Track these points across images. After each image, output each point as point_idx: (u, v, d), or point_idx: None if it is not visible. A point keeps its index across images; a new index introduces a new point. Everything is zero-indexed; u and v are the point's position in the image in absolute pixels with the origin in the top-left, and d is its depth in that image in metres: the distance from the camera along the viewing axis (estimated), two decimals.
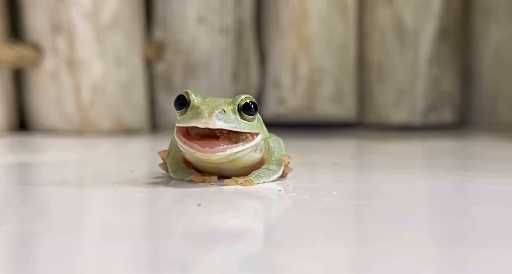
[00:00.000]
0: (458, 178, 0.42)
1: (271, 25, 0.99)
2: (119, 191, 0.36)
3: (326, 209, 0.29)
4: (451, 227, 0.26)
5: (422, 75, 0.94)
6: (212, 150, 0.36)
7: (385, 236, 0.24)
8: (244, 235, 0.25)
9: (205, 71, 0.96)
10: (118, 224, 0.27)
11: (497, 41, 0.95)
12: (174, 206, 0.32)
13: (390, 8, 0.95)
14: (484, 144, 0.78)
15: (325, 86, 0.95)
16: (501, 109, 0.96)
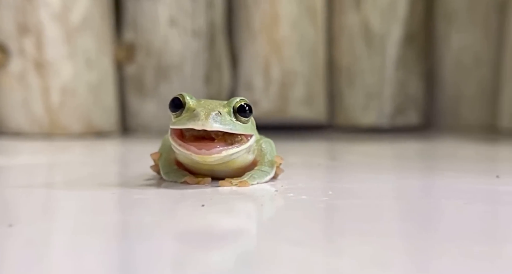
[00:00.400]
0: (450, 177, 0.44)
1: (242, 28, 1.00)
2: (117, 193, 0.36)
3: (328, 208, 0.30)
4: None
5: (389, 78, 0.97)
6: (208, 152, 0.37)
7: (405, 232, 0.25)
8: (260, 233, 0.25)
9: (177, 73, 0.96)
10: (123, 223, 0.27)
11: (458, 47, 0.99)
12: (176, 207, 0.33)
13: (358, 13, 0.98)
14: (448, 145, 0.82)
15: (297, 89, 0.96)
16: (462, 111, 1.00)
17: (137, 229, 0.26)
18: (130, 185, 0.40)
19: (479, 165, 0.55)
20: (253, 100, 0.98)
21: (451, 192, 0.36)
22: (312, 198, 0.33)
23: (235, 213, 0.30)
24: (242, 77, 1.00)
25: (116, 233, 0.26)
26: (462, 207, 0.30)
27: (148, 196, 0.35)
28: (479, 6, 0.98)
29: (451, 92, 1.00)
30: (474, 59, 0.99)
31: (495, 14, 0.97)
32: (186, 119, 0.37)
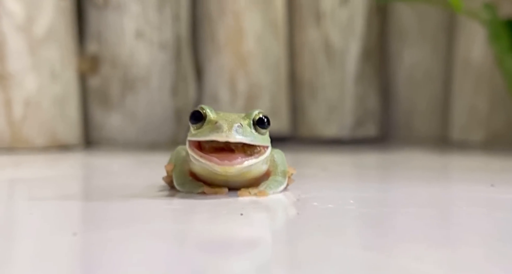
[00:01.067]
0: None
1: (207, 42, 1.02)
2: (143, 204, 0.37)
3: (365, 216, 0.32)
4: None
5: (349, 92, 1.02)
6: (230, 163, 0.38)
7: (466, 239, 0.28)
8: (327, 240, 0.27)
9: (144, 85, 0.96)
10: (182, 231, 0.28)
11: (410, 63, 1.06)
12: (215, 216, 0.34)
13: (318, 29, 1.02)
14: (404, 155, 0.87)
15: (262, 102, 0.99)
16: (415, 124, 1.06)
17: (201, 236, 0.27)
18: (150, 196, 0.40)
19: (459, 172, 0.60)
20: None
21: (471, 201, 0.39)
22: (340, 207, 0.35)
23: (279, 221, 0.32)
24: (207, 90, 1.01)
25: (182, 240, 0.27)
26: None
27: (177, 206, 0.36)
28: (428, 25, 1.05)
29: (404, 106, 1.07)
30: (425, 75, 1.06)
31: (443, 32, 1.04)
32: (209, 131, 0.39)
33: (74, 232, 0.28)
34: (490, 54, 0.93)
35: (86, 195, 0.42)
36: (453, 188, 0.46)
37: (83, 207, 0.36)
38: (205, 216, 0.34)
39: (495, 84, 0.94)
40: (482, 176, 0.55)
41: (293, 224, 0.31)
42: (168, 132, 0.98)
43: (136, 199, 0.39)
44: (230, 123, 0.38)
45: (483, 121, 0.95)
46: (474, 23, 0.94)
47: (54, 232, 0.29)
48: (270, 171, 0.43)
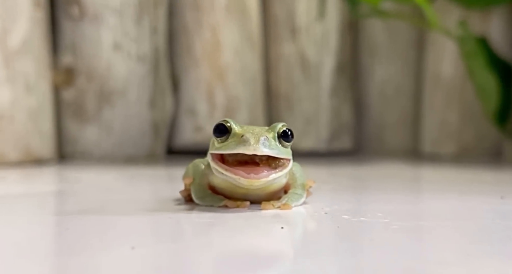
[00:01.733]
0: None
1: (183, 54, 1.01)
2: (174, 218, 0.37)
3: (408, 230, 0.33)
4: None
5: (324, 106, 1.04)
6: (257, 176, 0.39)
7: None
8: (396, 255, 0.28)
9: (121, 98, 0.94)
10: (238, 245, 0.28)
11: (381, 78, 1.09)
12: (256, 228, 0.34)
13: (294, 43, 1.04)
14: (378, 167, 0.89)
15: (240, 115, 0.99)
16: (387, 137, 1.09)
17: (263, 252, 0.27)
18: (173, 210, 0.40)
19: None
20: (197, 125, 0.99)
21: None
22: (374, 220, 0.36)
23: (325, 235, 0.32)
24: (184, 102, 1.01)
25: (250, 257, 0.27)
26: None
27: (209, 220, 0.36)
28: (399, 41, 1.09)
29: (376, 120, 1.10)
30: (396, 89, 1.09)
31: (413, 48, 1.08)
32: (235, 144, 0.39)
33: (132, 246, 0.27)
34: (460, 69, 0.97)
35: (104, 209, 0.41)
36: (464, 200, 0.47)
37: (111, 221, 0.36)
38: (249, 230, 0.34)
39: (465, 99, 0.98)
40: (490, 189, 0.57)
41: (343, 239, 0.31)
42: (145, 145, 0.97)
43: (160, 213, 0.38)
44: (256, 136, 0.39)
45: (454, 135, 0.99)
46: (443, 39, 0.98)
47: (111, 246, 0.28)
48: (289, 184, 0.43)
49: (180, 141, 1.01)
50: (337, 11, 1.05)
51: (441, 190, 0.56)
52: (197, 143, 0.99)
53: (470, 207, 0.44)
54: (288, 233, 0.33)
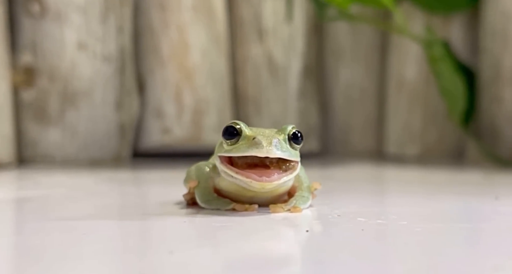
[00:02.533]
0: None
1: (150, 54, 0.99)
2: (187, 221, 0.36)
3: (429, 231, 0.33)
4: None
5: (292, 108, 1.04)
6: (269, 179, 0.38)
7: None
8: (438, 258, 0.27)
9: (86, 100, 0.91)
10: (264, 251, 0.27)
11: (346, 81, 1.11)
12: (279, 233, 0.33)
13: (261, 45, 1.04)
14: (347, 169, 0.90)
15: (210, 117, 0.98)
16: (352, 139, 1.11)
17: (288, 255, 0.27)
18: (181, 214, 0.39)
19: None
20: (164, 127, 0.97)
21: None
22: (391, 222, 0.35)
23: (353, 239, 0.31)
24: (151, 104, 0.98)
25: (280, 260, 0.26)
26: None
27: (226, 224, 0.35)
28: (363, 45, 1.10)
29: (342, 122, 1.11)
30: (360, 92, 1.11)
31: (376, 52, 1.10)
32: (247, 147, 0.38)
33: (170, 251, 0.26)
34: (424, 72, 1.00)
35: (110, 214, 0.39)
36: (459, 202, 0.48)
37: (127, 226, 0.34)
38: (267, 234, 0.33)
39: (428, 102, 1.01)
40: (484, 190, 0.59)
41: (375, 243, 0.31)
42: (111, 148, 0.94)
43: (172, 217, 0.37)
44: (268, 138, 0.38)
45: (417, 136, 1.02)
46: (407, 43, 1.01)
47: (149, 250, 0.27)
48: (295, 186, 0.43)
49: (146, 144, 0.98)
50: (303, 14, 1.06)
51: (431, 192, 0.57)
52: (165, 146, 0.97)
53: (467, 208, 0.45)
54: (318, 237, 0.32)
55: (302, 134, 0.41)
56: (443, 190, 0.60)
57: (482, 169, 0.84)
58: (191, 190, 0.42)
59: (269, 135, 0.39)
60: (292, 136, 0.40)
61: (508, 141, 0.92)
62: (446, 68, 0.92)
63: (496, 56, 0.93)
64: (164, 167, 0.87)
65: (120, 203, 0.45)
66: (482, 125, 0.96)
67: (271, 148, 0.37)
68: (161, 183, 0.64)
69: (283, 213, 0.39)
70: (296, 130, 0.41)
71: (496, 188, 0.63)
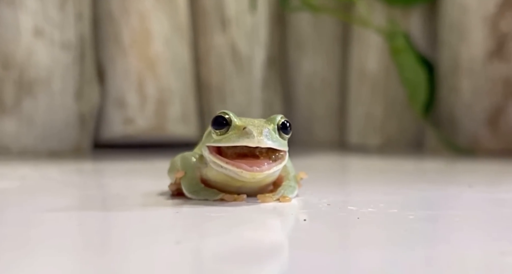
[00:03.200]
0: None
1: (110, 43, 0.96)
2: (180, 212, 0.35)
3: (422, 219, 0.33)
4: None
5: (257, 99, 1.03)
6: (260, 169, 0.38)
7: None
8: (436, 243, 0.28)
9: (43, 88, 0.87)
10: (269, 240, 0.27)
11: (308, 71, 1.11)
12: (274, 222, 0.33)
13: (224, 35, 1.02)
14: (311, 159, 0.91)
15: (174, 107, 0.96)
16: (315, 129, 1.12)
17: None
18: (170, 204, 0.38)
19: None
20: (126, 117, 0.94)
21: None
22: (382, 211, 0.35)
23: (353, 228, 0.31)
24: (113, 93, 0.95)
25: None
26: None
27: (220, 214, 0.35)
28: (324, 36, 1.11)
29: (305, 112, 1.11)
30: (322, 83, 1.11)
31: (338, 43, 1.11)
32: (237, 137, 0.37)
33: (177, 241, 0.26)
34: (385, 64, 1.02)
35: (98, 206, 0.38)
36: (436, 190, 0.49)
37: (120, 217, 0.33)
38: (271, 222, 0.33)
39: (389, 93, 1.02)
40: (455, 178, 0.60)
41: (377, 231, 0.31)
42: (71, 138, 0.90)
43: (162, 208, 0.36)
44: (258, 128, 0.37)
45: (379, 127, 1.04)
46: (368, 34, 1.02)
47: (156, 241, 0.26)
48: (281, 176, 0.42)
49: (108, 134, 0.95)
50: (266, 3, 1.05)
51: (403, 181, 0.58)
52: (127, 136, 0.95)
53: (448, 196, 0.46)
54: (318, 226, 0.32)
55: (290, 124, 0.41)
56: (415, 179, 0.61)
57: (443, 158, 0.86)
58: (177, 181, 0.41)
59: (258, 125, 0.38)
60: (281, 126, 0.40)
61: (465, 130, 0.95)
62: (408, 60, 0.94)
63: (454, 48, 0.96)
64: (128, 158, 0.85)
65: (102, 194, 0.43)
66: (441, 115, 0.98)
67: (261, 138, 0.37)
68: (132, 174, 0.63)
69: (272, 203, 0.39)
70: (285, 120, 0.40)
71: (465, 175, 0.65)
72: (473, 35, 0.94)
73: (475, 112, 0.94)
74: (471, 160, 0.84)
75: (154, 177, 0.56)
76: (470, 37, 0.94)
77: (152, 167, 0.72)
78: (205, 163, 0.40)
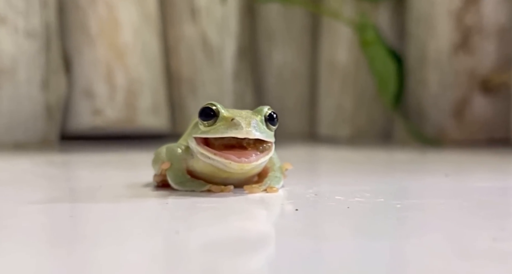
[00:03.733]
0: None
1: (77, 31, 0.93)
2: (170, 203, 0.35)
3: (410, 208, 0.34)
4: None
5: (228, 90, 1.03)
6: (248, 160, 0.38)
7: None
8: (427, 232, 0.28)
9: (8, 78, 0.84)
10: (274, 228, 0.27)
11: (279, 63, 1.11)
12: (268, 213, 0.33)
13: (194, 25, 1.01)
14: (282, 150, 0.91)
15: (144, 98, 0.94)
16: (286, 120, 1.12)
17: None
18: (158, 195, 0.38)
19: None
20: (95, 108, 0.92)
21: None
22: (370, 200, 0.36)
23: (345, 215, 0.32)
24: (80, 84, 0.93)
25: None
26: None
27: (211, 205, 0.34)
28: (294, 27, 1.11)
29: (275, 104, 1.11)
30: (292, 74, 1.12)
31: (308, 34, 1.12)
32: (226, 128, 0.37)
33: (176, 231, 0.26)
34: (354, 56, 1.03)
35: (81, 197, 0.37)
36: (414, 180, 0.50)
37: (110, 209, 0.32)
38: (263, 213, 0.33)
39: (359, 85, 1.04)
40: (429, 168, 0.61)
41: (371, 220, 0.31)
42: (37, 130, 0.88)
43: (151, 200, 0.36)
44: (247, 119, 0.37)
45: (348, 118, 1.05)
46: (338, 27, 1.03)
47: (156, 231, 0.26)
48: (267, 167, 0.42)
49: (75, 126, 0.93)
50: None
51: (380, 171, 0.59)
52: (96, 128, 0.93)
53: (427, 185, 0.47)
54: (312, 215, 0.32)
55: (277, 115, 0.41)
56: (391, 169, 0.62)
57: (411, 148, 0.88)
58: (162, 172, 0.40)
59: (246, 116, 0.38)
60: (268, 117, 0.40)
61: (433, 121, 0.97)
62: (378, 52, 0.95)
63: (422, 41, 0.98)
64: (98, 150, 0.83)
65: (86, 186, 0.42)
66: (409, 107, 1.00)
67: (250, 129, 0.37)
68: (108, 166, 0.62)
69: (260, 194, 0.39)
70: (272, 111, 0.40)
71: (438, 165, 0.66)
72: (440, 28, 0.96)
73: (442, 103, 0.96)
74: (440, 150, 0.86)
75: (131, 169, 0.55)
76: (437, 30, 0.96)
77: (125, 159, 0.71)
78: (191, 155, 0.40)
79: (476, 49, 0.94)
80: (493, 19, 0.93)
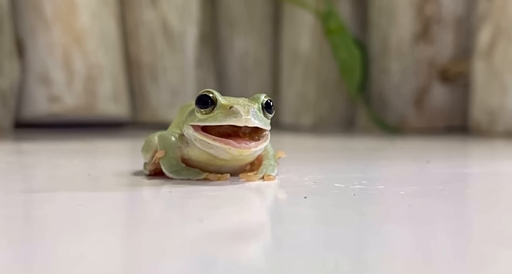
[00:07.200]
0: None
1: (30, 14, 0.88)
2: (174, 191, 0.34)
3: (418, 194, 0.34)
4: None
5: (190, 77, 1.00)
6: (247, 146, 0.37)
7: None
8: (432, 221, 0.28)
9: None
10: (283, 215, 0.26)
11: (241, 51, 1.10)
12: (278, 202, 0.32)
13: (154, 10, 0.98)
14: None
15: (104, 84, 0.90)
16: None
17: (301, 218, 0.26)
18: (156, 184, 0.36)
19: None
20: (52, 95, 0.88)
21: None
22: (371, 188, 0.35)
23: (354, 203, 0.31)
24: (35, 69, 0.88)
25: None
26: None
27: (215, 193, 0.33)
28: (255, 15, 1.10)
29: (238, 92, 1.10)
30: (255, 62, 1.10)
31: (270, 22, 1.11)
32: (224, 116, 0.36)
33: (200, 218, 0.25)
34: (317, 45, 1.03)
35: (78, 186, 0.35)
36: (401, 166, 0.51)
37: (112, 197, 0.30)
38: (255, 203, 0.32)
39: (321, 73, 1.04)
40: (411, 155, 0.62)
41: (384, 207, 0.31)
42: None
43: (152, 188, 0.35)
44: (245, 107, 0.36)
45: (311, 107, 1.05)
46: (300, 15, 1.02)
47: (180, 220, 0.25)
48: (261, 155, 0.41)
49: (31, 113, 0.88)
50: None
51: (361, 158, 0.59)
52: (53, 115, 0.88)
53: (417, 172, 0.47)
54: (322, 203, 0.31)
55: (273, 103, 0.40)
56: (371, 156, 0.62)
57: (375, 136, 0.89)
58: (156, 161, 0.38)
59: (244, 104, 0.37)
60: (265, 105, 0.39)
61: (395, 109, 0.99)
62: (343, 40, 0.95)
63: (384, 30, 0.99)
64: (59, 138, 0.79)
65: (75, 174, 0.40)
66: (372, 95, 1.01)
67: (249, 117, 0.36)
68: (83, 154, 0.59)
69: (257, 182, 0.38)
70: (268, 99, 0.39)
71: (413, 152, 0.67)
72: (401, 18, 0.97)
73: (403, 92, 0.98)
74: (403, 137, 0.87)
75: (107, 157, 0.52)
76: (398, 20, 0.97)
77: (94, 147, 0.68)
78: (186, 142, 0.38)
79: (435, 39, 0.96)
80: (451, 10, 0.95)
